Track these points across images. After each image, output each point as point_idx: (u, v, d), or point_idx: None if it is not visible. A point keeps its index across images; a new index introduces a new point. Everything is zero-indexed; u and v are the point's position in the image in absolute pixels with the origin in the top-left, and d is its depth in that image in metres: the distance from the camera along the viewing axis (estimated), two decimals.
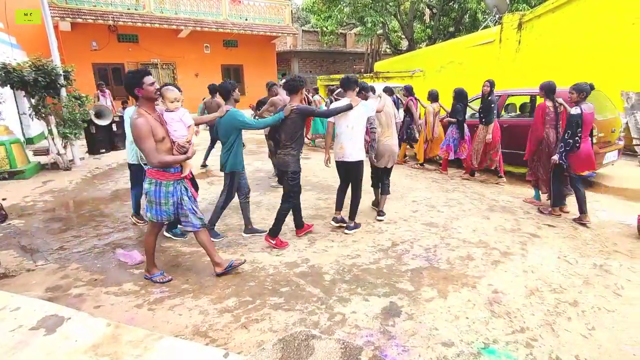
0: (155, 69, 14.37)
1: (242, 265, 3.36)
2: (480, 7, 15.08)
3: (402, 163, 7.46)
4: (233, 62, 16.37)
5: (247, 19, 15.59)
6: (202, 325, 2.58)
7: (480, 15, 16.10)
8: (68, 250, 3.84)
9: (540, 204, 4.97)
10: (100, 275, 3.32)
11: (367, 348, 2.13)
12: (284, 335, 2.15)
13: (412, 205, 5.11)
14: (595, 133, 5.31)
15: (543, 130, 4.68)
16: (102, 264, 3.54)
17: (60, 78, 6.95)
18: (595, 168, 4.42)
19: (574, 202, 4.46)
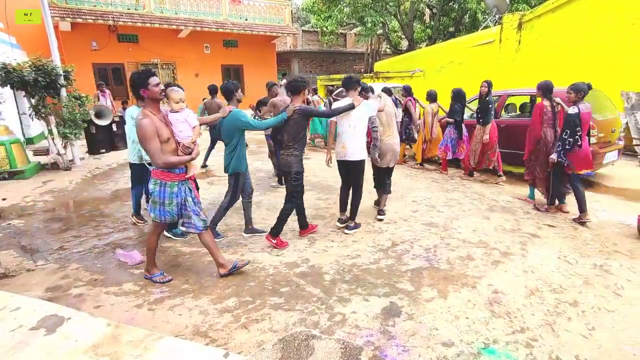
0: (155, 69, 14.35)
1: (244, 266, 3.34)
2: (480, 7, 15.08)
3: (401, 163, 7.47)
4: (233, 62, 16.36)
5: (247, 19, 15.58)
6: (202, 325, 2.58)
7: (480, 16, 16.10)
8: (68, 250, 3.85)
9: (535, 203, 5.01)
10: (100, 275, 3.32)
11: (367, 348, 2.14)
12: (284, 335, 2.16)
13: (412, 205, 5.11)
14: (595, 133, 5.33)
15: (541, 130, 4.70)
16: (102, 264, 3.54)
17: (60, 78, 6.95)
18: (593, 167, 4.42)
19: (574, 202, 4.46)
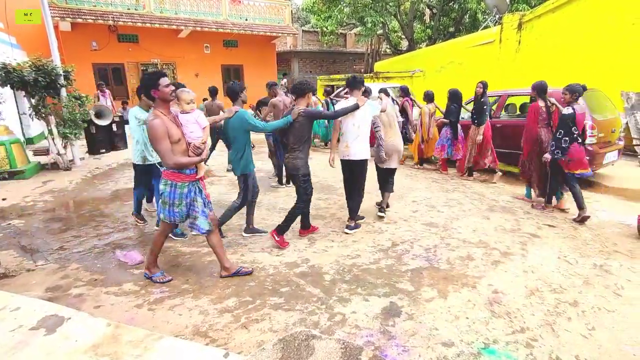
0: (156, 69, 14.36)
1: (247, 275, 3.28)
2: (480, 7, 15.07)
3: (401, 163, 7.47)
4: (233, 62, 16.35)
5: (247, 19, 15.57)
6: (202, 325, 2.58)
7: (480, 16, 16.09)
8: (68, 250, 3.85)
9: (531, 202, 5.04)
10: (100, 275, 3.32)
11: (367, 348, 2.14)
12: (284, 335, 2.16)
13: (412, 205, 5.12)
14: (595, 133, 5.34)
15: (536, 130, 4.75)
16: (102, 264, 3.54)
17: (61, 78, 6.95)
18: (589, 168, 4.44)
19: (572, 200, 4.48)
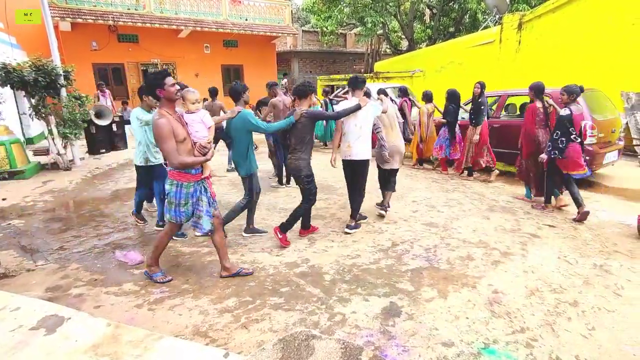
0: (156, 69, 14.36)
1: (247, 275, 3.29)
2: (481, 7, 15.07)
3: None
4: (233, 62, 16.35)
5: (247, 19, 15.57)
6: (202, 325, 2.58)
7: (480, 16, 16.09)
8: (68, 250, 3.85)
9: (531, 202, 5.06)
10: (100, 275, 3.32)
11: (367, 348, 2.14)
12: (284, 335, 2.16)
13: (412, 205, 5.12)
14: (595, 133, 5.34)
15: (534, 131, 4.79)
16: (102, 264, 3.54)
17: (61, 78, 6.95)
18: (586, 169, 4.46)
19: (571, 200, 4.50)
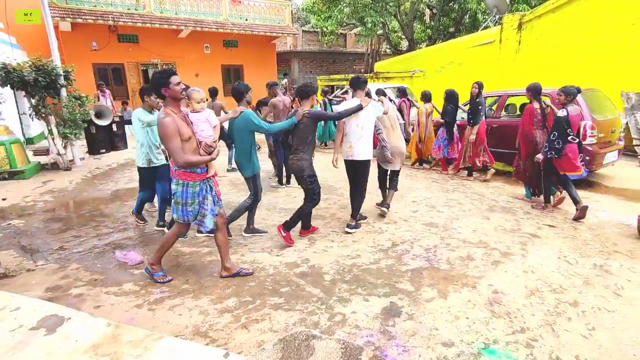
0: (156, 69, 14.36)
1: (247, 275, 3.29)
2: (481, 7, 15.07)
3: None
4: (233, 62, 16.35)
5: (247, 19, 15.57)
6: (202, 326, 2.58)
7: (480, 16, 16.09)
8: (68, 250, 3.85)
9: (531, 202, 5.08)
10: (101, 275, 3.32)
11: (367, 348, 2.14)
12: (285, 335, 2.16)
13: (412, 206, 5.12)
14: (595, 133, 5.35)
15: (532, 132, 4.82)
16: (102, 264, 3.54)
17: (61, 78, 6.95)
18: (582, 170, 4.49)
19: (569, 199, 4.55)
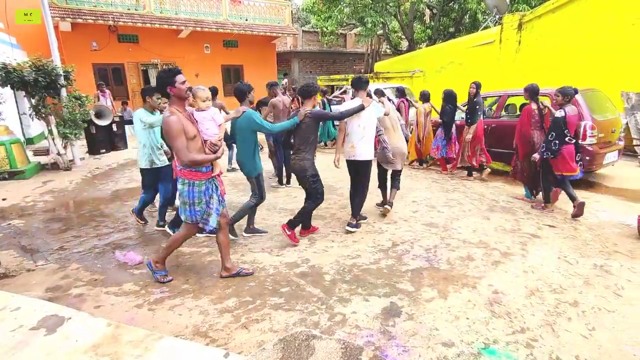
0: (156, 69, 14.36)
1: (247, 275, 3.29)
2: (481, 7, 15.08)
3: None
4: (233, 62, 16.36)
5: (247, 19, 15.58)
6: (202, 326, 2.58)
7: (481, 16, 16.10)
8: (68, 251, 3.85)
9: (531, 202, 5.09)
10: (101, 276, 3.32)
11: (367, 348, 2.14)
12: (285, 336, 2.16)
13: (412, 206, 5.12)
14: (595, 133, 5.35)
15: (529, 132, 4.85)
16: (102, 264, 3.54)
17: (61, 78, 6.95)
18: (577, 171, 4.51)
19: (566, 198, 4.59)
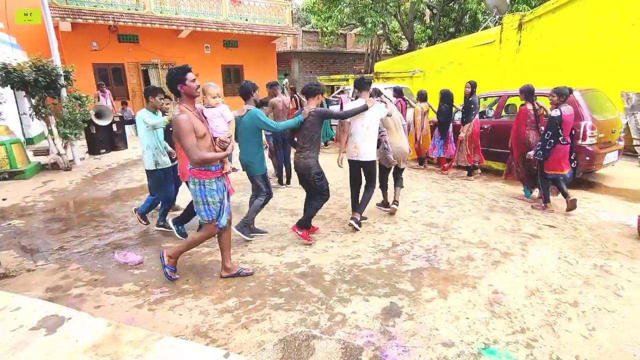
0: (156, 69, 14.36)
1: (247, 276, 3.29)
2: (481, 7, 15.08)
3: None
4: (233, 62, 16.36)
5: (247, 20, 15.57)
6: (202, 326, 2.58)
7: (481, 16, 16.10)
8: (68, 251, 3.85)
9: (531, 202, 5.11)
10: (101, 276, 3.32)
11: (367, 348, 2.14)
12: (285, 336, 2.16)
13: (412, 206, 5.12)
14: (595, 133, 5.35)
15: (525, 132, 4.89)
16: (102, 264, 3.54)
17: (61, 78, 6.96)
18: (566, 171, 4.54)
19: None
